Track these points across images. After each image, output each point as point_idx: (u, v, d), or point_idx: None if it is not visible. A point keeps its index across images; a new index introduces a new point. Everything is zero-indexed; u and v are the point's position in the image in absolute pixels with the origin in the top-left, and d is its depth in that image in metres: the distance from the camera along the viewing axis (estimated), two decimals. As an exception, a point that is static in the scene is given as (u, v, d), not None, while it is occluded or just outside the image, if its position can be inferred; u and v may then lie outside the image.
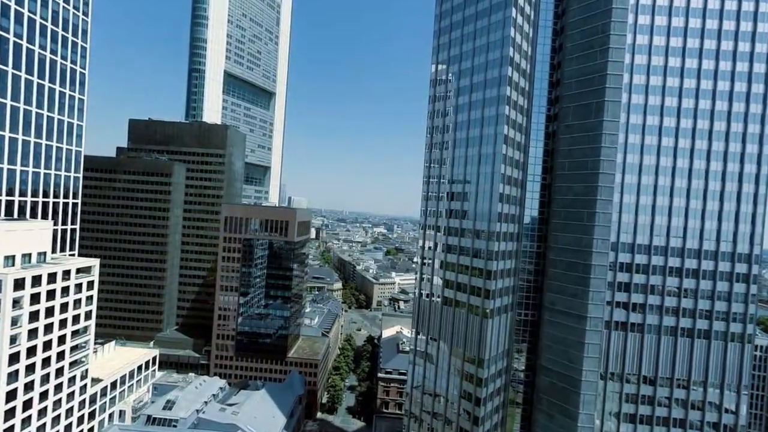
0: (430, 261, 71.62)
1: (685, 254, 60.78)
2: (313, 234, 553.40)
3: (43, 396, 63.54)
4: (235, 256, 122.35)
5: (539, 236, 70.03)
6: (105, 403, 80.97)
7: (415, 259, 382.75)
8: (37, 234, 65.95)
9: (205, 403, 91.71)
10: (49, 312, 64.26)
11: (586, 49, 62.73)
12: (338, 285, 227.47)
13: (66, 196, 76.79)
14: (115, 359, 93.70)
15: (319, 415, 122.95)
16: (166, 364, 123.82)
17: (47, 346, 64.03)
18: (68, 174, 76.12)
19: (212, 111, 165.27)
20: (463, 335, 64.61)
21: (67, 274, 68.28)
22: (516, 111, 62.37)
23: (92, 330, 77.98)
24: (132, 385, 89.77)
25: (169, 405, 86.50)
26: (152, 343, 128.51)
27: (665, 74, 61.54)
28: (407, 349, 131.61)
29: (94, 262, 78.66)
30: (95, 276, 77.92)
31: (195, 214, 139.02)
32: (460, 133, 66.94)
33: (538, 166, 71.10)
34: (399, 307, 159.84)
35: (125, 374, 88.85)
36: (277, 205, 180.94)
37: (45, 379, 63.42)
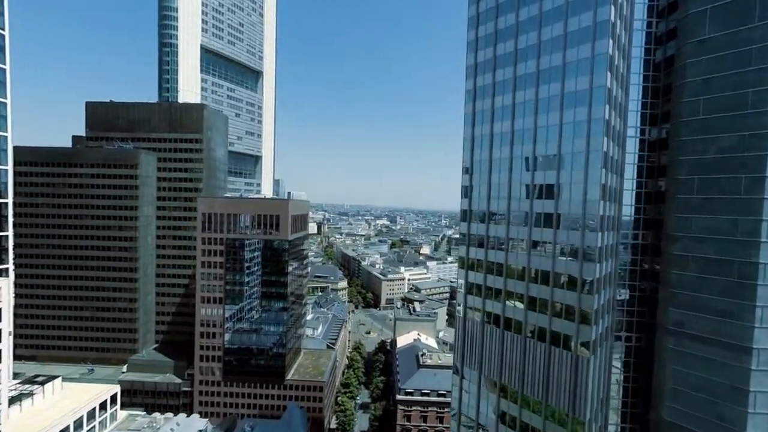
0: (479, 264, 47.53)
1: None
2: (314, 229, 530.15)
3: None
4: (217, 260, 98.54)
5: (645, 221, 45.78)
6: (30, 476, 58.10)
7: (422, 251, 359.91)
8: None
9: (178, 457, 68.85)
10: None
11: None
12: (343, 284, 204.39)
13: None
14: (59, 403, 70.48)
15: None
16: (140, 393, 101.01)
17: None
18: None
19: (189, 92, 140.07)
20: (541, 379, 40.83)
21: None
22: (615, 40, 37.74)
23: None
24: (77, 440, 66.78)
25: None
26: (125, 367, 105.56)
27: None
28: (429, 361, 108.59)
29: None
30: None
31: (170, 212, 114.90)
32: (526, 87, 42.70)
33: (634, 113, 46.72)
34: (414, 309, 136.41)
35: (68, 425, 65.70)
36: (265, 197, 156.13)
37: None
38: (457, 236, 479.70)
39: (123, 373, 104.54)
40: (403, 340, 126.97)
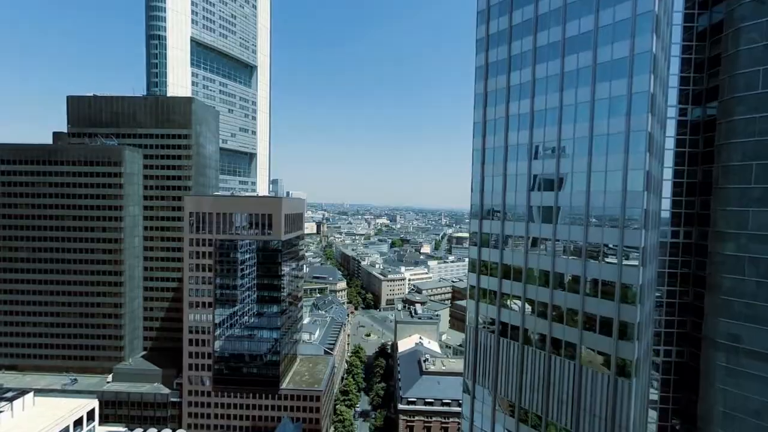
0: (493, 267, 40.93)
1: None
2: (313, 229, 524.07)
3: None
4: (206, 262, 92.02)
5: (685, 216, 39.21)
6: None
7: (423, 250, 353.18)
8: None
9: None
10: None
11: None
12: (342, 284, 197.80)
13: None
14: (30, 421, 63.91)
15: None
16: (125, 405, 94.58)
17: None
18: None
19: (179, 86, 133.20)
20: (570, 404, 34.29)
21: None
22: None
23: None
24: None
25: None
26: (110, 376, 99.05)
27: None
28: (432, 368, 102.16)
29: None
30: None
31: (158, 212, 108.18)
32: (549, 59, 36.01)
33: (672, 90, 40.16)
34: (415, 312, 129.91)
35: (36, 448, 59.08)
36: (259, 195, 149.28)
37: None
38: (459, 235, 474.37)
39: (108, 382, 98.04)
40: (404, 344, 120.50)
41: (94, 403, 72.08)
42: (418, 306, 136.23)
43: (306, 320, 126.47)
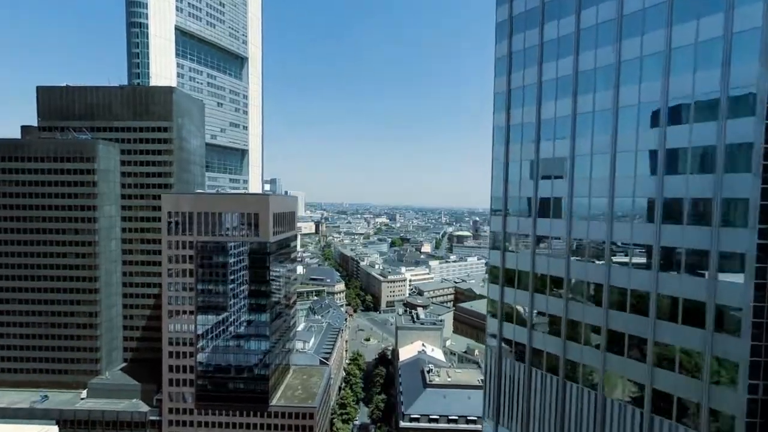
0: (522, 277, 31.51)
1: None
2: (312, 228, 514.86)
3: None
4: (187, 267, 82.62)
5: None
6: None
7: (423, 249, 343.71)
8: None
9: None
10: None
11: None
12: (340, 286, 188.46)
13: None
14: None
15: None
16: (100, 424, 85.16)
17: None
18: None
19: (163, 78, 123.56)
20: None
21: None
22: None
23: None
24: None
25: None
26: (85, 392, 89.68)
27: None
28: (437, 380, 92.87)
29: None
30: None
31: (137, 212, 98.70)
32: None
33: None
34: (417, 317, 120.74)
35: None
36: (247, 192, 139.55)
37: None
38: (459, 233, 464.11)
39: (82, 399, 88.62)
40: (406, 352, 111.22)
41: (53, 430, 62.79)
42: (420, 310, 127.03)
43: (301, 326, 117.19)
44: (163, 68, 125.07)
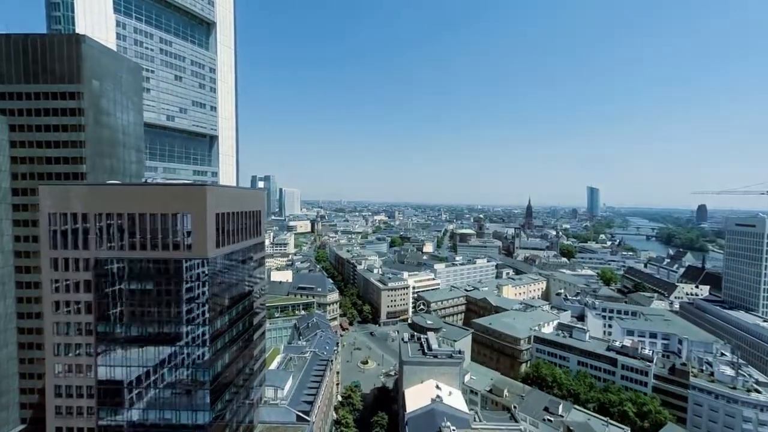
0: None
1: None
2: (308, 227, 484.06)
3: None
4: (81, 298, 52.52)
5: None
6: None
7: (425, 249, 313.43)
8: None
9: None
10: None
11: None
12: (333, 296, 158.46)
13: None
14: None
15: None
16: None
17: None
18: None
19: (95, 39, 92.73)
20: None
21: None
22: None
23: None
24: None
25: None
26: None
27: None
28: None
29: None
30: None
31: (35, 213, 68.36)
32: None
33: None
34: (428, 346, 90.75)
35: None
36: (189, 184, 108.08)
37: None
38: (462, 231, 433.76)
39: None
40: (414, 396, 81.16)
41: None
42: (430, 335, 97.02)
43: (274, 364, 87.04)
44: (95, 26, 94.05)
